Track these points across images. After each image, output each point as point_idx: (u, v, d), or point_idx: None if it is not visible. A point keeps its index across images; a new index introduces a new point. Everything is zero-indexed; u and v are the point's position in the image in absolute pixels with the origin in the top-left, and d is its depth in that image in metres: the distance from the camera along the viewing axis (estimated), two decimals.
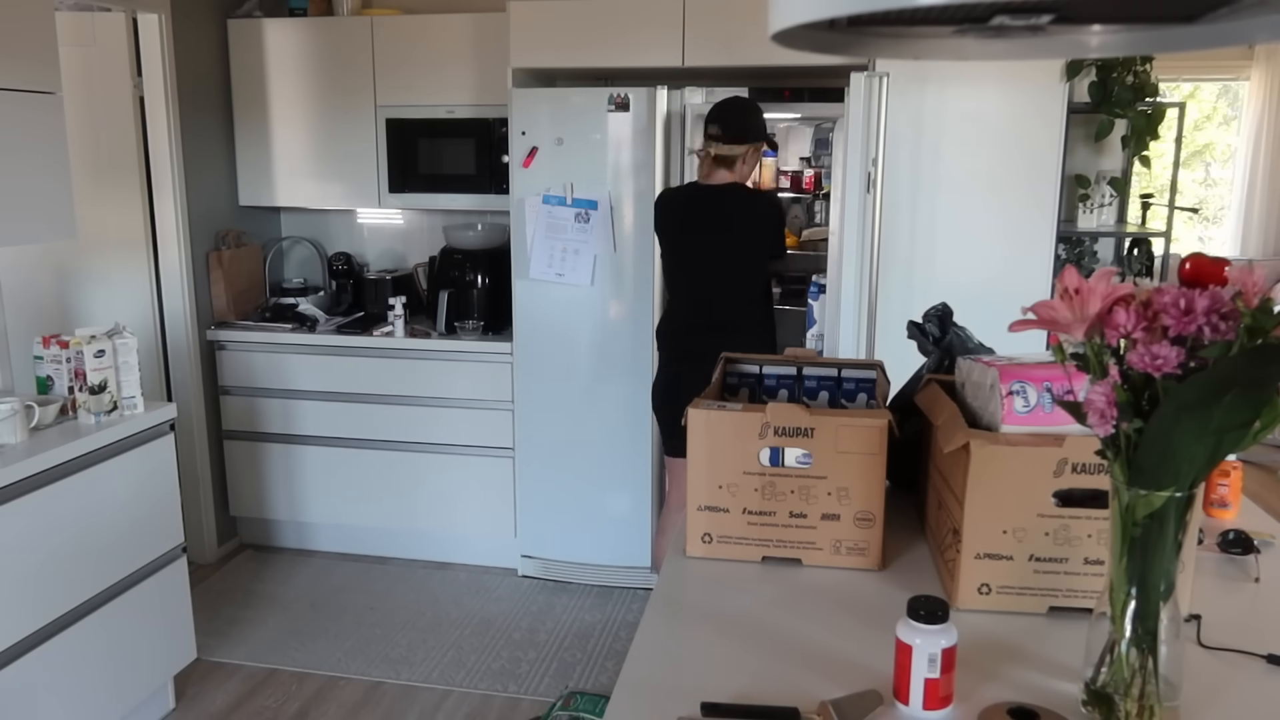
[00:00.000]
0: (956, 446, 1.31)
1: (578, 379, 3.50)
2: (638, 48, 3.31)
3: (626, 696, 1.14)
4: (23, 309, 3.22)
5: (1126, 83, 3.33)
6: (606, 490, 3.55)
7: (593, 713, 2.48)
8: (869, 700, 1.10)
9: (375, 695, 2.93)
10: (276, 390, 3.80)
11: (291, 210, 4.26)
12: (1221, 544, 1.53)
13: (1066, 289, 0.99)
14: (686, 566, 1.50)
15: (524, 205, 3.42)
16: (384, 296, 3.86)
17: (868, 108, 2.98)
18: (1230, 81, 6.68)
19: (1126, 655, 1.02)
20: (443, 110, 3.71)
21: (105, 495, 2.48)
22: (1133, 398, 0.96)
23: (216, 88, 3.84)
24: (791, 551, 1.48)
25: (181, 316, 3.70)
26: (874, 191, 3.02)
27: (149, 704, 2.76)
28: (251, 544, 4.05)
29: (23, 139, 2.47)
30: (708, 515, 1.50)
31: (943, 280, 3.15)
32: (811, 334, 3.45)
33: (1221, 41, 0.96)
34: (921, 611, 1.07)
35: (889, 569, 1.48)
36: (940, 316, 1.84)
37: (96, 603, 2.47)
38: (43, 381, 2.54)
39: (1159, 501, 0.97)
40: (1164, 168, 3.77)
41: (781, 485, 1.46)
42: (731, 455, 1.47)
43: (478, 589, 3.66)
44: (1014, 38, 1.00)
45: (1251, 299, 0.91)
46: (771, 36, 0.85)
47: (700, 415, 1.48)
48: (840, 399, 1.81)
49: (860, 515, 1.45)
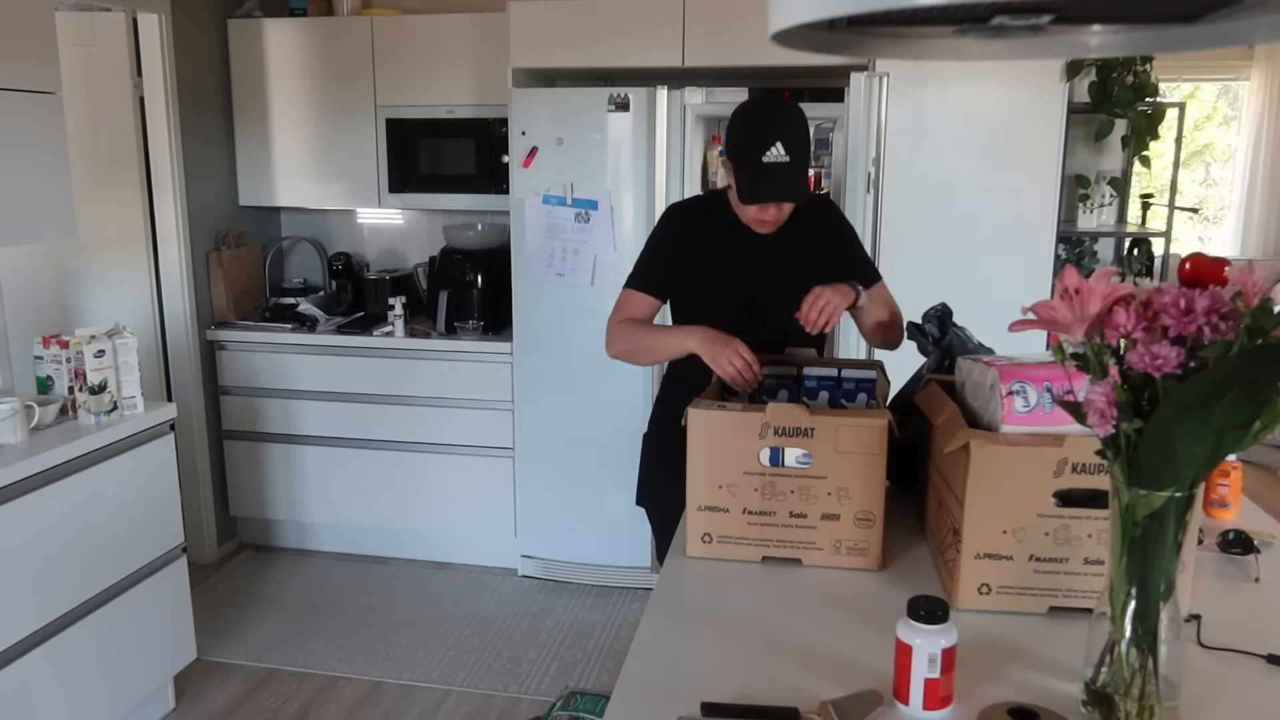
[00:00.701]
0: (956, 446, 1.31)
1: (578, 379, 3.50)
2: (638, 48, 3.31)
3: (626, 696, 1.14)
4: (23, 309, 3.22)
5: (1126, 83, 3.33)
6: (606, 490, 3.55)
7: (593, 713, 2.48)
8: (869, 700, 1.10)
9: (375, 695, 2.93)
10: (276, 390, 3.80)
11: (291, 210, 4.26)
12: (1221, 544, 1.53)
13: (1066, 289, 0.99)
14: (686, 566, 1.50)
15: (524, 205, 3.42)
16: (384, 296, 3.86)
17: (868, 108, 2.98)
18: (1230, 81, 6.68)
19: (1126, 655, 1.02)
20: (443, 110, 3.71)
21: (105, 495, 2.48)
22: (1133, 398, 0.96)
23: (216, 88, 3.84)
24: (791, 551, 1.48)
25: (181, 316, 3.70)
26: (874, 191, 3.02)
27: (149, 704, 2.76)
28: (251, 544, 4.05)
29: (23, 139, 2.47)
30: (707, 515, 1.50)
31: (943, 280, 3.14)
32: None
33: (1221, 41, 0.96)
34: (921, 611, 1.07)
35: (889, 569, 1.48)
36: (940, 317, 1.85)
37: (97, 602, 2.46)
38: (43, 381, 2.54)
39: (1159, 501, 0.97)
40: (1164, 168, 3.77)
41: (781, 485, 1.46)
42: (731, 455, 1.47)
43: (478, 589, 3.66)
44: (1014, 38, 1.00)
45: (1251, 299, 0.91)
46: (771, 36, 0.85)
47: (700, 415, 1.48)
48: (840, 399, 1.80)
49: (860, 515, 1.45)
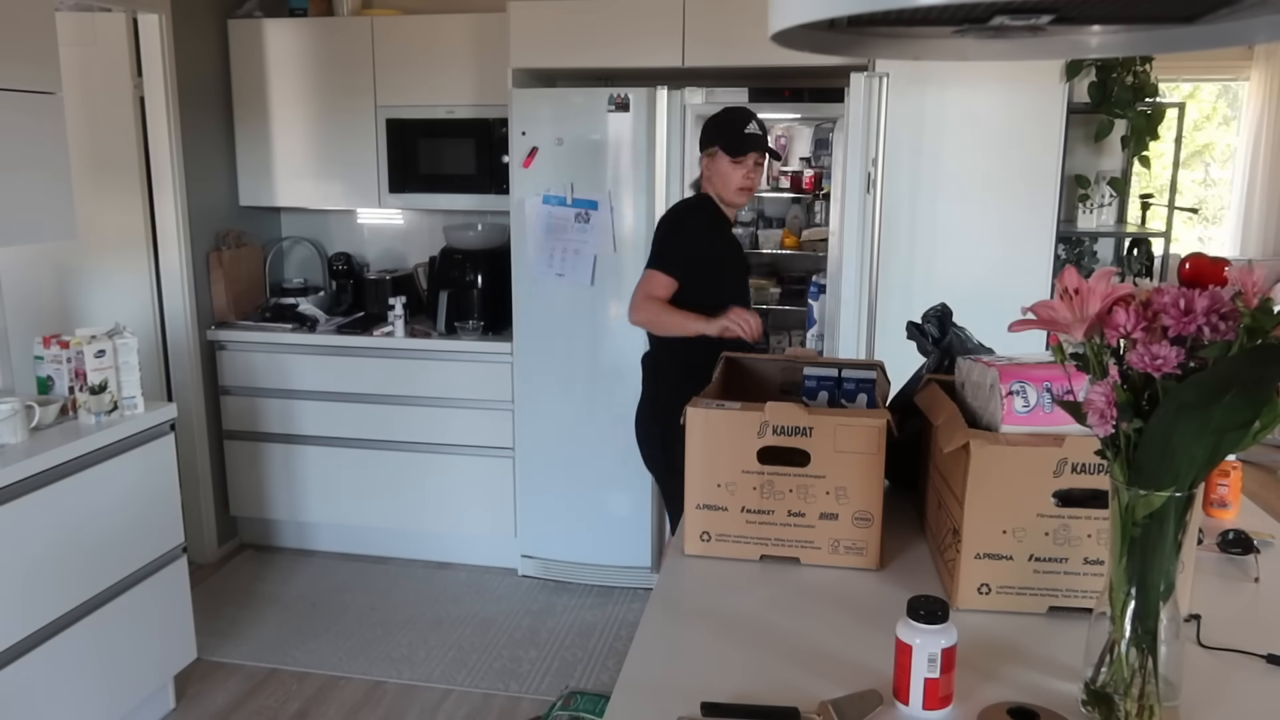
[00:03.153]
0: (956, 446, 1.31)
1: (578, 379, 3.50)
2: (638, 48, 3.31)
3: (626, 696, 1.14)
4: (23, 309, 3.22)
5: (1126, 83, 3.33)
6: (606, 490, 3.55)
7: (593, 712, 2.48)
8: (869, 700, 1.10)
9: (376, 695, 2.93)
10: (277, 390, 3.80)
11: (291, 210, 4.26)
12: (1221, 544, 1.53)
13: (1066, 289, 0.99)
14: (686, 566, 1.50)
15: (524, 205, 3.42)
16: (384, 296, 3.86)
17: (868, 108, 2.98)
18: (1230, 81, 6.68)
19: (1126, 655, 1.02)
20: (443, 110, 3.71)
21: (105, 495, 2.48)
22: (1133, 398, 0.96)
23: (216, 88, 3.84)
24: (790, 550, 1.49)
25: (182, 316, 3.70)
26: (874, 192, 3.02)
27: (149, 704, 2.76)
28: (252, 544, 4.06)
29: (23, 139, 2.47)
30: (706, 514, 1.50)
31: (943, 280, 3.15)
32: (811, 334, 3.45)
33: (1221, 41, 0.97)
34: (921, 611, 1.07)
35: (888, 569, 1.48)
36: (939, 317, 1.85)
37: (97, 602, 2.47)
38: (43, 381, 2.54)
39: (1159, 501, 0.97)
40: (1164, 168, 3.77)
41: (780, 484, 1.46)
42: (730, 454, 1.47)
43: (478, 589, 3.66)
44: (1014, 38, 1.00)
45: (1251, 299, 0.91)
46: (771, 37, 0.85)
47: (699, 414, 1.48)
48: (840, 399, 1.81)
49: (859, 515, 1.46)
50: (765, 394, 1.81)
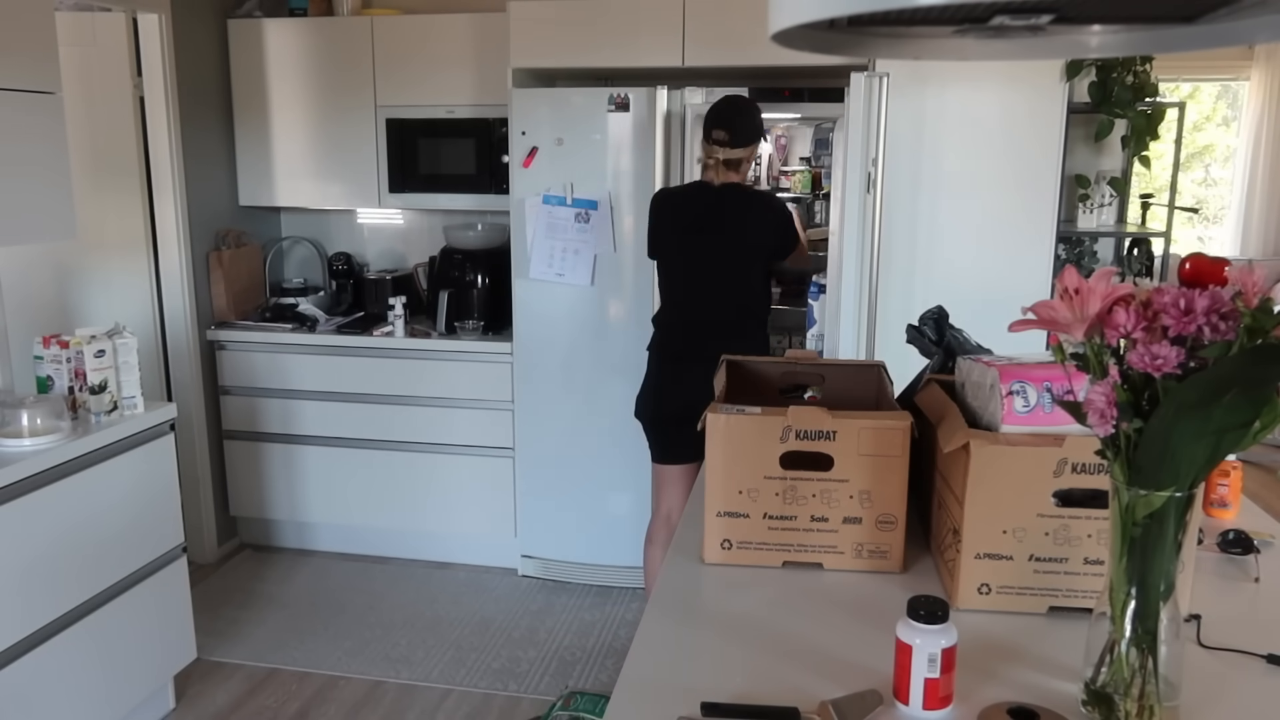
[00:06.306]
0: (956, 446, 1.31)
1: (578, 379, 3.50)
2: (638, 48, 3.30)
3: (626, 696, 1.14)
4: (23, 309, 3.22)
5: (1126, 83, 3.33)
6: (606, 490, 3.55)
7: (593, 712, 2.48)
8: (869, 700, 1.10)
9: (375, 695, 2.93)
10: (277, 390, 3.80)
11: (291, 210, 4.26)
12: (1221, 544, 1.53)
13: (1066, 289, 0.99)
14: (686, 566, 1.49)
15: (524, 205, 3.42)
16: (384, 296, 3.85)
17: (868, 108, 2.98)
18: (1230, 82, 6.68)
19: (1126, 655, 1.02)
20: (443, 110, 3.71)
21: (105, 495, 2.48)
22: (1133, 398, 0.96)
23: (216, 88, 3.83)
24: (813, 556, 1.46)
25: (181, 316, 3.70)
26: (874, 192, 3.02)
27: (149, 704, 2.76)
28: (251, 544, 4.05)
29: (23, 139, 2.47)
30: (726, 521, 1.46)
31: (942, 280, 3.15)
32: (811, 334, 3.45)
33: (1221, 41, 0.97)
34: (921, 611, 1.07)
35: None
36: (936, 319, 1.84)
37: (96, 602, 2.47)
38: (43, 381, 2.54)
39: (1159, 501, 0.97)
40: (1164, 168, 3.77)
41: (803, 489, 1.43)
42: (752, 460, 1.44)
43: (477, 589, 3.66)
44: (1014, 38, 1.00)
45: (1251, 299, 0.91)
46: (771, 36, 0.85)
47: (719, 419, 1.44)
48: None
49: (882, 518, 1.44)
50: (766, 396, 1.80)
